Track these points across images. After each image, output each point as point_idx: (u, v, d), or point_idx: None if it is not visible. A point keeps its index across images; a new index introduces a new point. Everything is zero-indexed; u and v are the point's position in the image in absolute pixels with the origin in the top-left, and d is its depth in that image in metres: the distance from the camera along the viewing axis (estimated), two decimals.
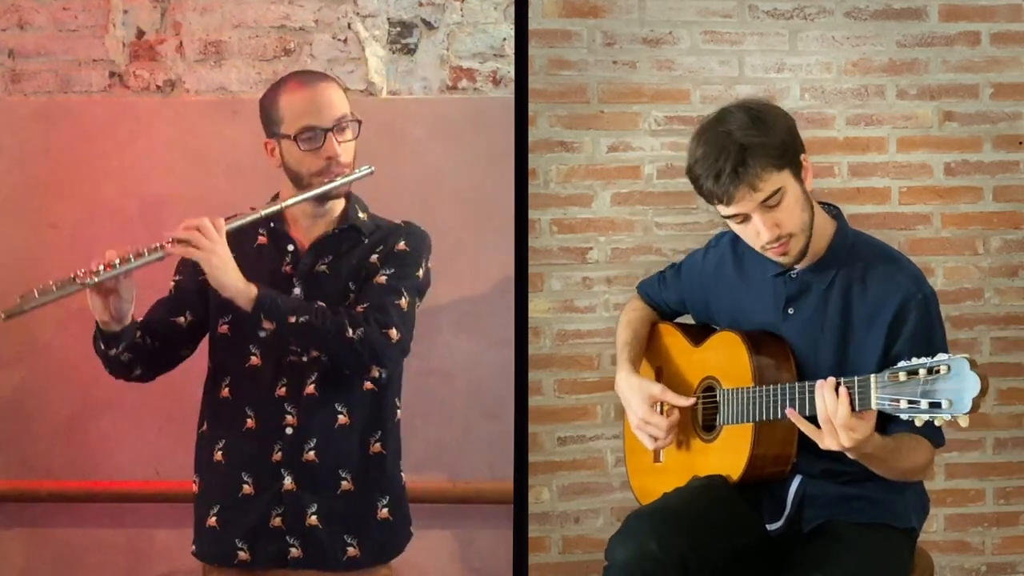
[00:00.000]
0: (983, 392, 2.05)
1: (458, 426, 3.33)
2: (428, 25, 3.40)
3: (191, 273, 2.75)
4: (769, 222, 2.37)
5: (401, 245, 2.75)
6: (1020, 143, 3.57)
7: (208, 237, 2.57)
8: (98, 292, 2.59)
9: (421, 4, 3.40)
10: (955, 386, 2.06)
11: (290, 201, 2.69)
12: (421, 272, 2.75)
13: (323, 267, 2.74)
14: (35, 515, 3.36)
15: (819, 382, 2.23)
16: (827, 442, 2.23)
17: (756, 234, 2.40)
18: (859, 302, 2.43)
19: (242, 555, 2.71)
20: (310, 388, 2.70)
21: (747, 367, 2.46)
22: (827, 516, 2.46)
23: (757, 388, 2.43)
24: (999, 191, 3.57)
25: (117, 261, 2.57)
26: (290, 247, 2.75)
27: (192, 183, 3.29)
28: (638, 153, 3.51)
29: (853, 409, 2.19)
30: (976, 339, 3.57)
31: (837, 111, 3.52)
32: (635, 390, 2.65)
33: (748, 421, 2.44)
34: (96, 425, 3.35)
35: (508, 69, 3.39)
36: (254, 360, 2.73)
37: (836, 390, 2.21)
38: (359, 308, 2.67)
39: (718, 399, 2.55)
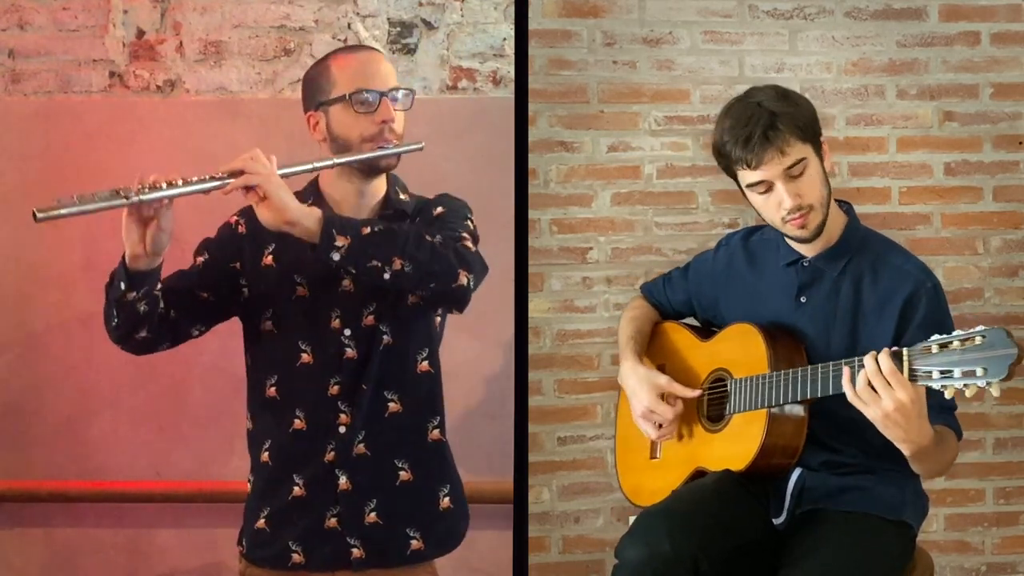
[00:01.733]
0: (1019, 360, 2.07)
1: (458, 426, 3.32)
2: (428, 25, 3.40)
3: (222, 256, 2.63)
4: (792, 191, 2.42)
5: (438, 210, 2.63)
6: (1020, 143, 3.57)
7: (263, 165, 2.41)
8: (137, 217, 2.40)
9: (421, 4, 3.40)
10: (991, 354, 2.08)
11: (345, 159, 2.55)
12: (469, 223, 2.62)
13: None
14: (35, 515, 3.36)
15: (862, 357, 2.23)
16: (871, 410, 2.22)
17: (778, 204, 2.44)
18: (870, 290, 2.48)
19: (296, 557, 2.61)
20: (364, 385, 2.58)
21: (763, 355, 2.48)
22: (817, 504, 2.47)
23: (773, 374, 2.45)
24: (999, 191, 3.57)
25: (165, 184, 2.37)
26: None
27: None
28: (638, 153, 3.51)
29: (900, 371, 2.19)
30: None
31: (837, 111, 3.52)
32: (642, 379, 2.65)
33: (763, 407, 2.45)
34: (96, 425, 3.35)
35: (508, 69, 3.39)
36: (305, 357, 2.60)
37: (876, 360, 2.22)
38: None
39: (729, 388, 2.56)
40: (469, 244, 2.54)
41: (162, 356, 2.80)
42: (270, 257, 2.62)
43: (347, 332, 2.59)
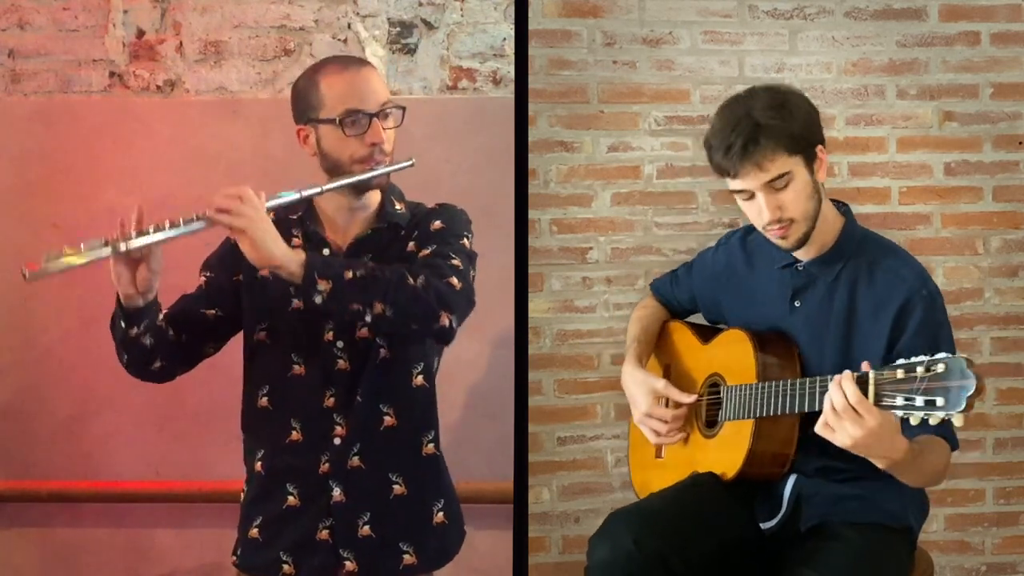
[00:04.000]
0: (979, 392, 2.03)
1: (458, 426, 3.33)
2: (428, 25, 3.40)
3: (223, 271, 2.63)
4: (772, 203, 2.39)
5: (436, 224, 2.59)
6: (1020, 143, 3.57)
7: (251, 206, 2.39)
8: (125, 261, 2.42)
9: (421, 4, 3.40)
10: (951, 384, 2.04)
11: (333, 184, 2.53)
12: (466, 242, 2.60)
13: None
14: (35, 515, 3.37)
15: (834, 376, 2.18)
16: (838, 436, 2.17)
17: (758, 212, 2.42)
18: (864, 296, 2.43)
19: (287, 568, 2.58)
20: (358, 397, 2.56)
21: (752, 364, 2.47)
22: (823, 516, 2.45)
23: (761, 384, 2.44)
24: (999, 191, 3.57)
25: (151, 228, 2.39)
26: (325, 251, 2.60)
27: (192, 183, 3.29)
28: (638, 153, 3.51)
29: (865, 395, 2.14)
30: (976, 339, 3.57)
31: (837, 111, 3.52)
32: (639, 384, 2.66)
33: (750, 416, 2.44)
34: (96, 425, 3.35)
35: (508, 69, 3.39)
36: (297, 369, 2.59)
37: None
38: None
39: (722, 395, 2.55)
40: (455, 281, 2.48)
41: None
42: (266, 269, 2.58)
43: (340, 344, 2.57)
